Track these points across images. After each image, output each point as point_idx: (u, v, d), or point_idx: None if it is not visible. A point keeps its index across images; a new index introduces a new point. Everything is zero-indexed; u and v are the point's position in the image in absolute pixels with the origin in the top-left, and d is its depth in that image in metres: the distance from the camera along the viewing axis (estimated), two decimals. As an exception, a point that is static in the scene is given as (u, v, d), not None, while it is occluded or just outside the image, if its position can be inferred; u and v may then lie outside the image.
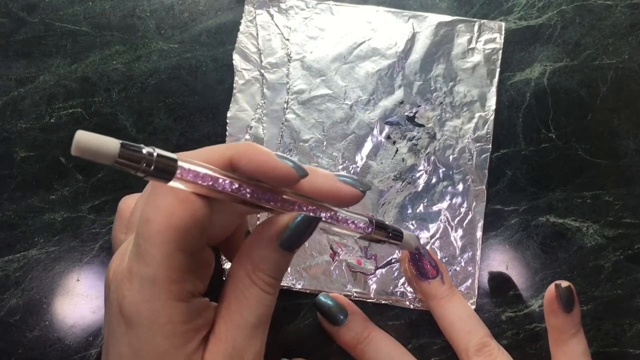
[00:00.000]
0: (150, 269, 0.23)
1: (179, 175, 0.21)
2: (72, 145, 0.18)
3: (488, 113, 0.38)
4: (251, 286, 0.25)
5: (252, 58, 0.39)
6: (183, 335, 0.23)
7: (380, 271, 0.36)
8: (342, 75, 0.38)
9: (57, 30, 0.39)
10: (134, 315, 0.23)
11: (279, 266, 0.25)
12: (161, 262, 0.23)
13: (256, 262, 0.25)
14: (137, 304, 0.23)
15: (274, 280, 0.25)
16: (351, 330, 0.33)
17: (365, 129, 0.38)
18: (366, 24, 0.39)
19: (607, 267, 0.37)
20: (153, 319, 0.23)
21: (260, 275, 0.25)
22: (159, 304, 0.23)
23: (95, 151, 0.18)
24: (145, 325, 0.23)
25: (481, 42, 0.39)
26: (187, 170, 0.22)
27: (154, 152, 0.20)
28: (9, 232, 0.36)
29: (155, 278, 0.23)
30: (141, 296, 0.23)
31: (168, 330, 0.23)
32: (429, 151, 0.38)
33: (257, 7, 0.39)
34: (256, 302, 0.25)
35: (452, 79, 0.38)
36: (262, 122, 0.38)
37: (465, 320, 0.33)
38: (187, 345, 0.23)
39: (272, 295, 0.25)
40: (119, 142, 0.19)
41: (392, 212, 0.37)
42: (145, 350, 0.23)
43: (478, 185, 0.37)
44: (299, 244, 0.25)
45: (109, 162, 0.19)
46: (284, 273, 0.26)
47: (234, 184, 0.23)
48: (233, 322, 0.25)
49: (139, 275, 0.23)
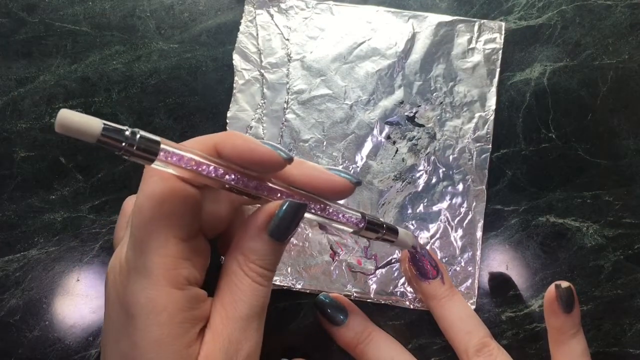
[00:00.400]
0: (144, 257, 0.23)
1: (162, 158, 0.22)
2: (55, 122, 0.18)
3: (488, 113, 0.38)
4: (244, 278, 0.25)
5: (252, 58, 0.39)
6: (179, 325, 0.23)
7: (380, 271, 0.36)
8: (342, 75, 0.38)
9: (57, 30, 0.39)
10: (130, 304, 0.23)
11: (270, 257, 0.25)
12: (155, 249, 0.23)
13: (247, 254, 0.25)
14: (134, 293, 0.23)
15: (266, 272, 0.25)
16: (351, 330, 0.33)
17: (365, 129, 0.38)
18: (366, 24, 0.39)
19: (607, 267, 0.37)
20: (149, 308, 0.23)
21: (252, 267, 0.25)
22: (155, 291, 0.23)
23: (78, 129, 0.19)
24: (141, 314, 0.23)
25: (481, 42, 0.39)
26: (171, 153, 0.22)
27: (137, 133, 0.20)
28: (9, 232, 0.36)
29: (150, 266, 0.23)
30: (137, 285, 0.23)
31: (164, 318, 0.23)
32: (429, 151, 0.38)
33: (257, 7, 0.39)
34: (250, 294, 0.25)
35: (452, 79, 0.38)
36: (262, 122, 0.38)
37: (465, 321, 0.33)
38: (183, 336, 0.23)
39: (265, 287, 0.25)
40: (102, 121, 0.19)
41: (392, 212, 0.37)
42: (142, 340, 0.23)
43: (478, 185, 0.37)
44: (287, 233, 0.25)
45: (92, 141, 0.19)
46: (276, 264, 0.26)
47: (219, 170, 0.23)
48: (228, 315, 0.25)
49: (135, 265, 0.23)
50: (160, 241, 0.23)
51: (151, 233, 0.23)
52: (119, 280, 0.24)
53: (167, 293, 0.23)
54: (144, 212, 0.23)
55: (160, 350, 0.23)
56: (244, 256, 0.25)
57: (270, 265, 0.26)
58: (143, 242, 0.23)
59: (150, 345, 0.23)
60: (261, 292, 0.25)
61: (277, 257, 0.26)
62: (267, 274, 0.25)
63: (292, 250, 0.36)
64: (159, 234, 0.23)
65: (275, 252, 0.26)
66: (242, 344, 0.24)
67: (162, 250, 0.23)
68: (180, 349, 0.23)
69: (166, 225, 0.23)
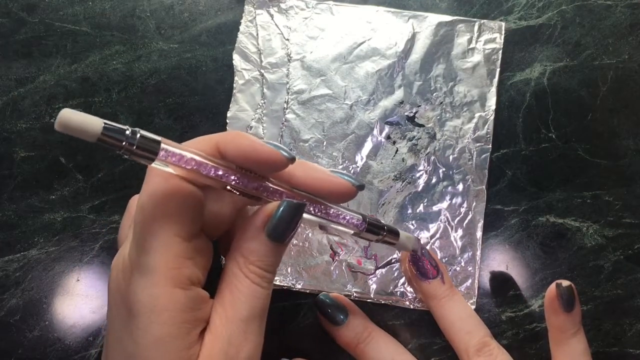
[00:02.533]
0: (147, 256, 0.23)
1: (162, 157, 0.22)
2: (56, 121, 0.18)
3: (488, 113, 0.38)
4: (243, 279, 0.25)
5: (252, 58, 0.39)
6: (181, 325, 0.23)
7: (381, 271, 0.36)
8: (342, 75, 0.38)
9: (57, 30, 0.39)
10: (132, 303, 0.23)
11: (269, 258, 0.25)
12: (157, 248, 0.23)
13: (246, 255, 0.25)
14: (136, 291, 0.23)
15: (266, 273, 0.25)
16: (351, 331, 0.33)
17: (365, 129, 0.38)
18: (366, 24, 0.39)
19: (607, 267, 0.37)
20: (151, 306, 0.23)
21: (251, 268, 0.25)
22: (157, 290, 0.23)
23: (79, 128, 0.19)
24: (144, 313, 0.23)
25: (481, 42, 0.39)
26: (171, 153, 0.22)
27: (138, 133, 0.21)
28: (9, 232, 0.36)
29: (153, 265, 0.23)
30: (139, 283, 0.23)
31: (166, 317, 0.23)
32: (429, 151, 0.38)
33: (257, 7, 0.39)
34: (250, 296, 0.25)
35: (452, 79, 0.38)
36: (262, 122, 0.38)
37: (465, 320, 0.33)
38: (184, 337, 0.23)
39: (265, 289, 0.25)
40: (103, 120, 0.19)
41: (392, 212, 0.37)
42: (143, 339, 0.23)
43: (478, 185, 0.37)
44: (286, 234, 0.25)
45: (92, 140, 0.19)
46: (276, 265, 0.26)
47: (219, 170, 0.23)
48: (228, 316, 0.24)
49: (138, 263, 0.23)
50: (162, 240, 0.23)
51: (153, 232, 0.23)
52: (121, 278, 0.24)
53: (170, 292, 0.23)
54: (146, 210, 0.23)
55: (161, 349, 0.23)
56: (243, 257, 0.25)
57: (270, 267, 0.25)
58: (145, 241, 0.23)
59: (151, 344, 0.23)
60: (261, 293, 0.25)
61: (277, 258, 0.26)
62: (267, 275, 0.25)
63: (292, 250, 0.36)
64: (162, 232, 0.23)
65: (275, 254, 0.25)
66: (242, 346, 0.24)
67: (164, 249, 0.23)
68: (181, 349, 0.23)
69: (168, 224, 0.23)
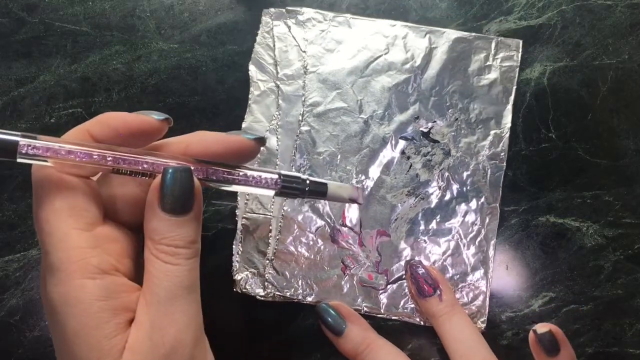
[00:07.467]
0: (49, 255, 0.23)
1: (22, 150, 0.22)
2: None
3: (503, 131, 0.38)
4: (154, 261, 0.24)
5: (268, 69, 0.39)
6: (96, 315, 0.23)
7: (392, 286, 0.36)
8: (358, 89, 0.38)
9: (57, 30, 0.39)
10: (50, 302, 0.23)
11: (175, 233, 0.24)
12: (55, 245, 0.23)
13: (152, 236, 0.24)
14: (51, 291, 0.23)
15: (177, 249, 0.24)
16: (350, 342, 0.33)
17: (379, 143, 0.38)
18: (383, 37, 0.39)
19: (607, 267, 0.37)
20: (63, 302, 0.23)
21: (160, 248, 0.24)
22: (65, 286, 0.23)
23: None
24: (59, 310, 0.23)
25: (498, 60, 0.39)
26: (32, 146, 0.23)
27: None
28: (9, 232, 0.36)
29: (56, 262, 0.23)
30: (51, 283, 0.23)
31: (78, 310, 0.23)
32: (443, 167, 0.37)
33: (274, 19, 0.39)
34: (162, 277, 0.24)
35: (468, 95, 0.38)
36: (277, 133, 0.38)
37: (461, 342, 0.32)
38: (102, 327, 0.23)
39: (177, 266, 0.24)
40: None
41: (405, 228, 0.36)
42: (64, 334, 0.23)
43: (492, 203, 0.37)
44: (181, 203, 0.24)
45: None
46: (189, 238, 0.24)
47: (94, 154, 0.23)
48: (147, 302, 0.24)
49: (45, 264, 0.24)
50: (57, 236, 0.23)
51: (48, 230, 0.23)
52: (42, 284, 0.24)
53: (78, 285, 0.23)
54: (40, 213, 0.23)
55: (80, 341, 0.23)
56: (150, 239, 0.24)
57: (180, 241, 0.24)
58: (44, 242, 0.23)
59: (71, 338, 0.23)
60: (175, 271, 0.24)
61: (187, 230, 0.24)
62: (180, 251, 0.24)
63: (304, 263, 0.36)
64: (55, 229, 0.23)
65: (179, 227, 0.24)
66: (167, 329, 0.24)
67: (61, 244, 0.23)
68: (100, 339, 0.23)
69: (60, 219, 0.23)
